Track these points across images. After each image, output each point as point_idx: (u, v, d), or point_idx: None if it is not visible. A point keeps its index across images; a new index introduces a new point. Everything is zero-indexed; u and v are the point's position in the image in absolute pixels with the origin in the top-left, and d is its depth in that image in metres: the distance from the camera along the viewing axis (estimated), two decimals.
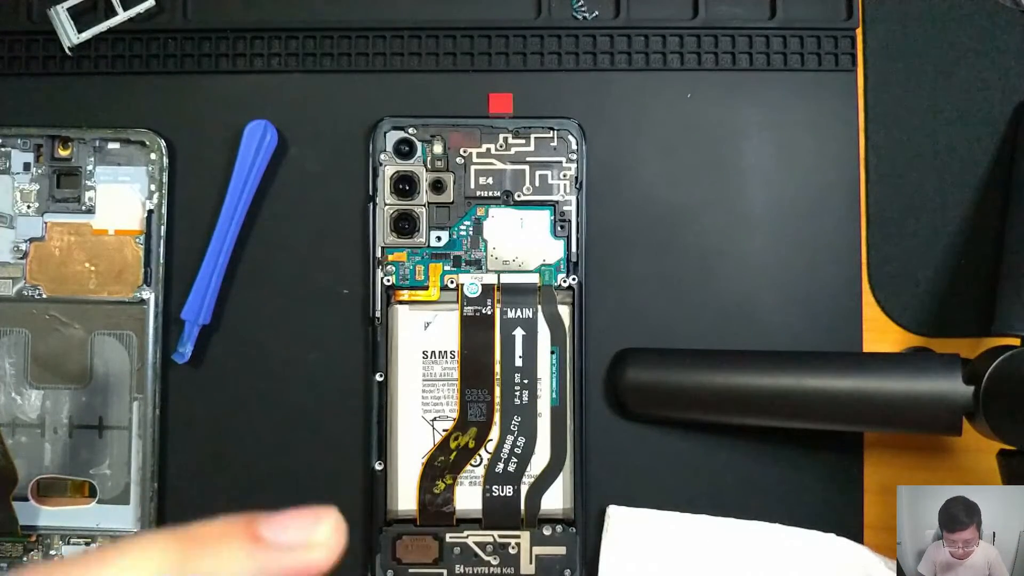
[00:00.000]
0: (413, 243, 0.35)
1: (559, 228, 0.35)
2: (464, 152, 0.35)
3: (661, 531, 0.34)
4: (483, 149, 0.35)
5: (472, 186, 0.35)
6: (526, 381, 0.34)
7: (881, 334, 0.35)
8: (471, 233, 0.35)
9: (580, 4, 0.36)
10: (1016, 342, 0.32)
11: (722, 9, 0.36)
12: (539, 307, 0.35)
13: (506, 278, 0.35)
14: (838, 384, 0.32)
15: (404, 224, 0.35)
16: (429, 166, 0.35)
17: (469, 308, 0.35)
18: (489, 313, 0.34)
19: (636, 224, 0.35)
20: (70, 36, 0.35)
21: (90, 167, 0.35)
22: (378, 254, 0.35)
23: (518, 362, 0.34)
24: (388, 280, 0.35)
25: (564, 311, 0.35)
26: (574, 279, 0.35)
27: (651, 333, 0.35)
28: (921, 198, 0.36)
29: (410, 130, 0.35)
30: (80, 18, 0.35)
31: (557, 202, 0.35)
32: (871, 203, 0.36)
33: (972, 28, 0.36)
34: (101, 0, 0.35)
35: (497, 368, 0.34)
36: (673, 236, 0.35)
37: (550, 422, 0.34)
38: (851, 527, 0.35)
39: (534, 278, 0.35)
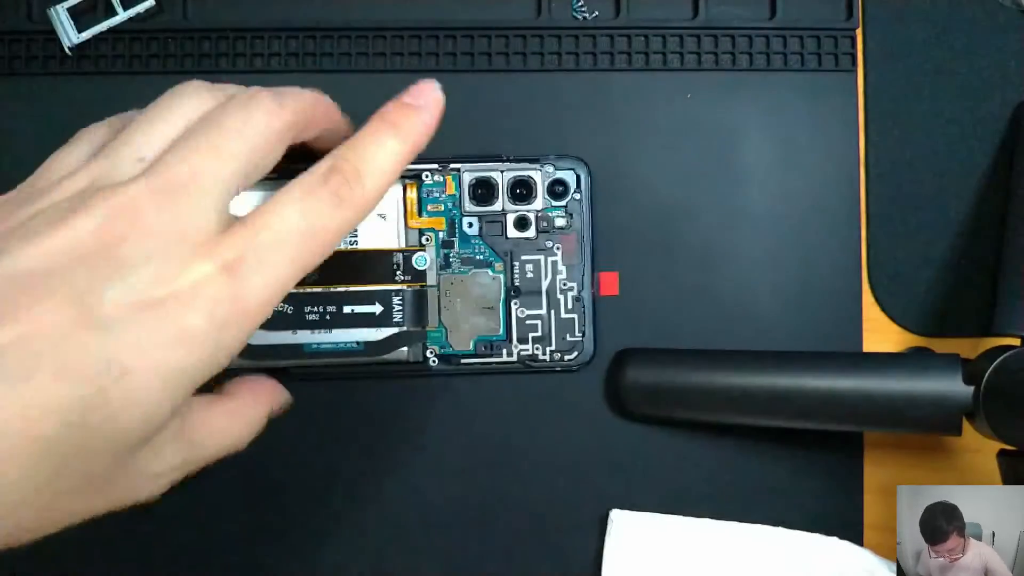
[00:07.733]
0: None
1: None
2: None
3: (664, 535, 0.34)
4: None
5: None
6: None
7: (881, 334, 0.35)
8: None
9: (580, 4, 0.36)
10: (1016, 342, 0.32)
11: (722, 9, 0.36)
12: None
13: None
14: (838, 384, 0.32)
15: None
16: None
17: None
18: None
19: (636, 224, 0.35)
20: (70, 36, 0.35)
21: None
22: None
23: None
24: None
25: None
26: None
27: (651, 333, 0.35)
28: (921, 198, 0.36)
29: None
30: (80, 18, 0.35)
31: None
32: (871, 203, 0.36)
33: (972, 28, 0.36)
34: (101, 0, 0.35)
35: None
36: (673, 236, 0.35)
37: None
38: (851, 527, 0.35)
39: None
